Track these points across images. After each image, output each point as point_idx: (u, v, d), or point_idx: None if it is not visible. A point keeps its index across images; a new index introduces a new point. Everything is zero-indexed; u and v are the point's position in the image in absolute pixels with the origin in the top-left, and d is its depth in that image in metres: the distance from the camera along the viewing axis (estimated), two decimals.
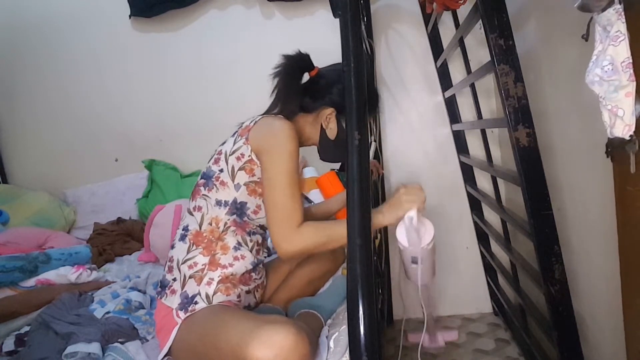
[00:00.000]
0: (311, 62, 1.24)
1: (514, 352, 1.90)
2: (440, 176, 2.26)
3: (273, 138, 1.08)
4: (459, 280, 2.30)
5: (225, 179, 1.12)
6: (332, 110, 1.18)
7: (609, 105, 0.75)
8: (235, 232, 1.13)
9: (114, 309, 1.26)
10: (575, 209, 1.38)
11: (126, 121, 2.42)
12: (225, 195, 1.12)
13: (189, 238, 1.12)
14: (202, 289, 1.07)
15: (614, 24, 0.73)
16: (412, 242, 1.02)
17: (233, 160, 1.11)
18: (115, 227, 2.13)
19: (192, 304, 1.05)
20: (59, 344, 1.13)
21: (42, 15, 2.40)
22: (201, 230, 1.12)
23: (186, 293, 1.07)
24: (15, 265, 1.49)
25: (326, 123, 1.20)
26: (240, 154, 1.11)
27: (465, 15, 1.40)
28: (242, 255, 1.13)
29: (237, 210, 1.12)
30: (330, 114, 1.19)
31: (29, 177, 2.50)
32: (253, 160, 1.10)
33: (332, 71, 1.23)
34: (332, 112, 1.18)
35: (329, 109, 1.18)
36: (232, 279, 1.11)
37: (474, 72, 1.51)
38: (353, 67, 0.95)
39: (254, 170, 1.10)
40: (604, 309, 1.27)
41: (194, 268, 1.09)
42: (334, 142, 1.21)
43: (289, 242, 1.01)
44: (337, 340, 1.04)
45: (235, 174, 1.11)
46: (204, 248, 1.10)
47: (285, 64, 1.19)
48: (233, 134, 1.17)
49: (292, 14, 2.23)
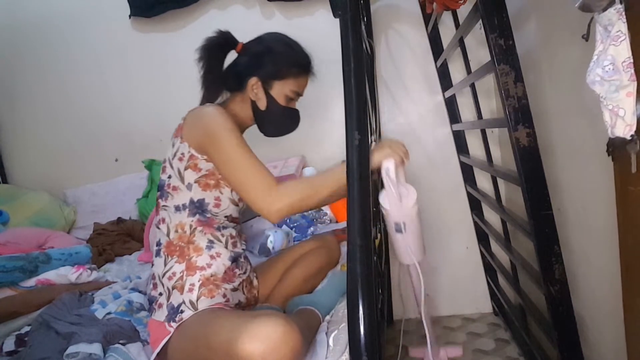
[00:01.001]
0: (233, 39, 1.22)
1: (514, 352, 1.90)
2: (440, 176, 2.26)
3: (206, 126, 1.08)
4: (459, 280, 2.30)
5: (176, 183, 1.12)
6: (256, 79, 1.17)
7: (610, 105, 0.75)
8: (203, 231, 1.12)
9: (116, 310, 1.26)
10: (575, 209, 1.38)
11: (126, 121, 2.42)
12: (181, 199, 1.12)
13: (162, 251, 1.13)
14: (186, 297, 1.07)
15: (614, 24, 0.73)
16: (393, 202, 0.99)
17: (176, 162, 1.12)
18: (115, 227, 2.13)
19: (179, 313, 1.05)
20: (60, 344, 1.12)
21: (42, 15, 2.40)
22: (171, 239, 1.12)
23: (172, 304, 1.07)
24: (15, 265, 1.49)
25: (254, 94, 1.19)
26: (180, 155, 1.11)
27: (465, 15, 1.39)
28: (217, 252, 1.13)
29: (197, 209, 1.12)
30: (254, 84, 1.18)
31: (29, 177, 2.50)
32: (194, 155, 1.10)
33: (254, 42, 1.22)
34: (255, 81, 1.17)
35: (252, 79, 1.17)
36: (214, 279, 1.10)
37: (474, 72, 1.51)
38: (353, 67, 0.95)
39: (199, 165, 1.10)
40: (604, 309, 1.27)
41: (173, 278, 1.09)
42: (266, 112, 1.20)
43: (273, 202, 1.00)
44: (336, 339, 1.04)
45: (182, 175, 1.11)
46: (178, 256, 1.11)
47: (204, 46, 1.18)
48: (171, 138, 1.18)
49: (292, 14, 2.23)
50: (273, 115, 1.21)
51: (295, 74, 1.20)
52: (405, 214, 1.02)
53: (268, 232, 1.75)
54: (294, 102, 1.25)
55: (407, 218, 1.01)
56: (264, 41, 1.23)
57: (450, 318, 2.28)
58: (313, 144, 2.27)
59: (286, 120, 1.25)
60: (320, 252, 1.36)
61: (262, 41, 1.23)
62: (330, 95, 2.08)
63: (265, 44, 1.22)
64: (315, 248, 1.38)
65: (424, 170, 2.26)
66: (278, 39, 1.24)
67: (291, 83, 1.20)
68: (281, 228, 1.86)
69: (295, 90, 1.22)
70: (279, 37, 1.24)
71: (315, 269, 1.34)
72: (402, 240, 1.05)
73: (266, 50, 1.20)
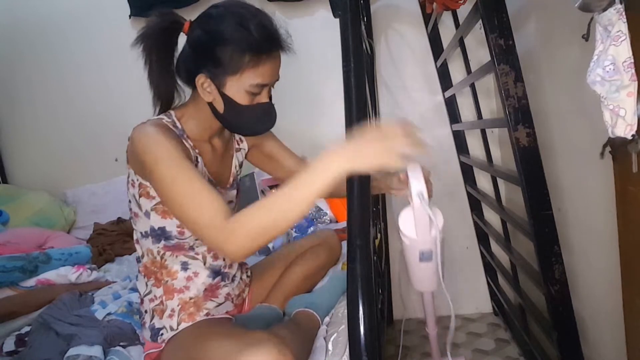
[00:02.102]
0: (178, 19, 0.98)
1: (514, 352, 1.90)
2: (440, 176, 2.26)
3: (141, 154, 0.89)
4: (459, 280, 2.30)
5: (135, 210, 1.01)
6: (204, 77, 0.94)
7: (611, 105, 0.75)
8: (173, 254, 1.03)
9: (116, 311, 1.26)
10: (575, 209, 1.38)
11: (126, 121, 2.38)
12: (142, 226, 1.01)
13: (141, 270, 1.07)
14: (166, 322, 1.03)
15: (615, 24, 0.73)
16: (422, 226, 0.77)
17: (130, 189, 1.00)
18: (115, 227, 2.13)
19: (160, 336, 1.03)
20: (61, 345, 1.12)
21: (43, 15, 2.40)
22: (144, 262, 1.05)
23: (153, 325, 1.04)
24: (15, 265, 1.49)
25: (206, 94, 0.96)
26: (131, 181, 0.99)
27: (465, 15, 1.39)
28: (195, 272, 1.05)
29: (160, 237, 1.00)
30: (203, 82, 0.95)
31: (29, 177, 2.50)
32: (143, 183, 0.96)
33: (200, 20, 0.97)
34: (204, 79, 0.94)
35: (199, 77, 0.94)
36: (195, 301, 1.04)
37: (474, 72, 1.51)
38: (353, 67, 0.95)
39: (150, 193, 0.96)
40: (604, 309, 1.27)
41: (154, 301, 1.05)
42: (226, 115, 0.97)
43: (230, 240, 0.78)
44: (335, 342, 1.04)
45: (139, 202, 0.99)
46: (155, 279, 1.05)
47: (143, 34, 0.95)
48: None
49: (292, 14, 2.23)
50: (236, 118, 0.98)
51: (253, 63, 0.92)
52: (434, 240, 0.83)
53: None
54: (263, 94, 0.98)
55: (435, 244, 0.83)
56: (209, 20, 0.95)
57: (451, 318, 2.27)
58: (312, 144, 2.27)
59: (255, 121, 1.00)
60: (321, 250, 1.32)
61: (207, 20, 0.96)
62: (330, 95, 2.08)
63: (209, 25, 0.94)
64: (316, 245, 1.33)
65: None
66: (227, 12, 0.94)
67: (249, 75, 0.93)
68: None
69: (258, 82, 0.94)
70: (230, 9, 0.94)
71: (316, 267, 1.30)
72: (425, 269, 0.87)
73: (209, 36, 0.93)
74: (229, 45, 0.91)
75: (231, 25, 0.92)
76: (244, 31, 0.91)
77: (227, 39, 0.91)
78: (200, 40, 0.95)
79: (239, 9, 0.94)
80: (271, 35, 0.94)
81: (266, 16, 0.95)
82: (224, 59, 0.92)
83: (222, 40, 0.92)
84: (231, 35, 0.91)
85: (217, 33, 0.92)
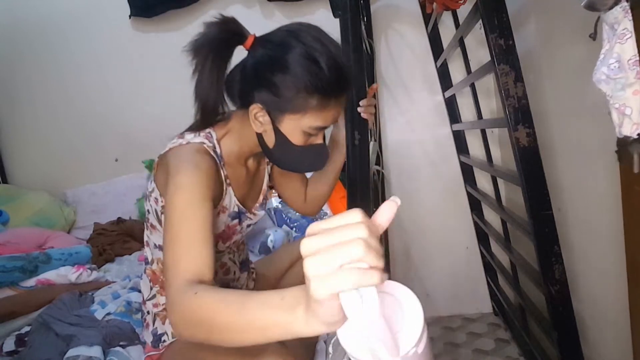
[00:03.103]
0: (242, 30, 0.87)
1: (514, 352, 1.90)
2: (440, 176, 2.26)
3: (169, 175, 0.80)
4: (459, 280, 2.30)
5: (154, 223, 0.94)
6: (259, 107, 0.85)
7: (617, 104, 0.75)
8: None
9: (115, 311, 1.26)
10: (575, 209, 1.38)
11: (126, 121, 2.42)
12: (158, 239, 0.95)
13: (148, 273, 1.03)
14: (168, 329, 1.01)
15: (620, 22, 0.72)
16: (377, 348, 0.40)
17: (152, 202, 0.92)
18: (115, 227, 2.13)
19: (162, 342, 1.01)
20: (60, 345, 1.12)
21: (43, 15, 2.40)
22: (153, 269, 1.01)
23: (156, 330, 1.02)
24: (15, 265, 1.49)
25: (257, 125, 0.88)
26: (155, 198, 0.92)
27: (465, 15, 1.39)
28: None
29: None
30: (257, 113, 0.86)
31: (29, 177, 2.50)
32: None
33: (266, 41, 0.86)
34: (259, 109, 0.86)
35: (254, 106, 0.86)
36: None
37: (474, 72, 1.51)
38: (353, 67, 0.95)
39: None
40: (604, 309, 1.27)
41: (158, 307, 1.02)
42: (275, 150, 0.89)
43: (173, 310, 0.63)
44: (336, 345, 1.03)
45: (159, 218, 0.92)
46: (160, 287, 1.01)
47: (201, 42, 0.83)
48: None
49: (292, 14, 2.23)
50: (285, 156, 0.90)
51: (319, 106, 0.84)
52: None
53: (268, 231, 1.75)
54: (319, 136, 0.90)
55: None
56: (277, 45, 0.84)
57: (450, 318, 2.28)
58: None
59: (304, 162, 0.92)
60: None
61: (276, 44, 0.85)
62: None
63: (277, 50, 0.83)
64: None
65: (424, 170, 2.26)
66: (299, 43, 0.82)
67: (311, 118, 0.85)
68: (281, 227, 1.86)
69: (319, 125, 0.86)
70: (303, 38, 0.83)
71: None
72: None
73: (274, 63, 0.83)
74: (296, 81, 0.82)
75: (302, 60, 0.81)
76: (316, 69, 0.81)
77: (295, 73, 0.81)
78: (264, 63, 0.84)
79: (313, 42, 0.82)
80: (343, 76, 0.85)
81: (339, 53, 0.85)
82: (286, 94, 0.83)
83: (289, 73, 0.81)
84: (301, 72, 0.81)
85: (284, 62, 0.82)
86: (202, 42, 0.83)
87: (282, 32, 0.86)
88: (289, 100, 0.83)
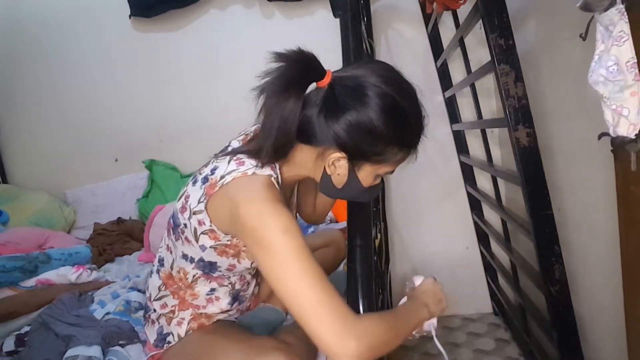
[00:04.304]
0: (320, 65, 0.81)
1: (514, 352, 1.90)
2: (440, 176, 2.26)
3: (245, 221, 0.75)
4: (459, 280, 2.30)
5: (190, 237, 0.90)
6: (342, 155, 0.81)
7: (614, 105, 0.75)
8: (207, 280, 0.97)
9: (114, 310, 1.26)
10: (575, 208, 1.38)
11: (126, 121, 2.42)
12: (190, 252, 0.92)
13: (161, 275, 1.02)
14: (174, 329, 1.00)
15: (616, 24, 0.73)
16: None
17: (195, 221, 0.87)
18: (115, 227, 2.13)
19: (166, 343, 1.02)
20: (60, 345, 1.12)
21: (42, 15, 2.40)
22: (171, 273, 0.99)
23: (161, 329, 1.02)
24: (15, 265, 1.49)
25: (332, 169, 0.84)
26: (200, 220, 0.86)
27: (465, 15, 1.39)
28: (217, 297, 1.00)
29: (205, 268, 0.94)
30: (337, 160, 0.82)
31: (29, 177, 2.50)
32: (216, 232, 0.86)
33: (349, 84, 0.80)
34: (340, 157, 0.81)
35: (336, 154, 0.81)
36: (206, 315, 1.01)
37: (474, 72, 1.51)
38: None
39: (219, 237, 0.87)
40: (604, 309, 1.27)
41: (165, 308, 1.02)
42: (339, 189, 0.88)
43: (349, 341, 0.67)
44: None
45: (198, 236, 0.88)
46: (172, 292, 1.00)
47: (279, 71, 0.76)
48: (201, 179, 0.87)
49: (292, 14, 2.23)
50: (346, 193, 0.89)
51: (401, 158, 0.85)
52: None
53: None
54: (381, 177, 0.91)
55: None
56: (366, 95, 0.78)
57: (450, 318, 2.28)
58: None
59: (359, 197, 0.92)
60: (329, 252, 1.30)
61: (363, 94, 0.78)
62: None
63: (368, 103, 0.78)
64: (323, 247, 1.32)
65: (424, 170, 2.26)
66: (388, 96, 0.79)
67: (389, 166, 0.85)
68: None
69: (391, 170, 0.88)
70: (392, 90, 0.80)
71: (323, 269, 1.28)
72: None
73: (366, 118, 0.78)
74: (386, 137, 0.80)
75: (391, 111, 0.79)
76: (407, 125, 0.82)
77: (384, 127, 0.79)
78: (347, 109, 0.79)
79: (400, 96, 0.80)
80: (423, 127, 0.87)
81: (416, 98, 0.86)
82: (374, 146, 0.81)
83: (377, 124, 0.78)
84: (390, 125, 0.79)
85: (371, 112, 0.78)
86: (283, 76, 0.77)
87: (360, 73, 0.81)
88: (377, 152, 0.82)
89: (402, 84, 0.84)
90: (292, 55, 0.77)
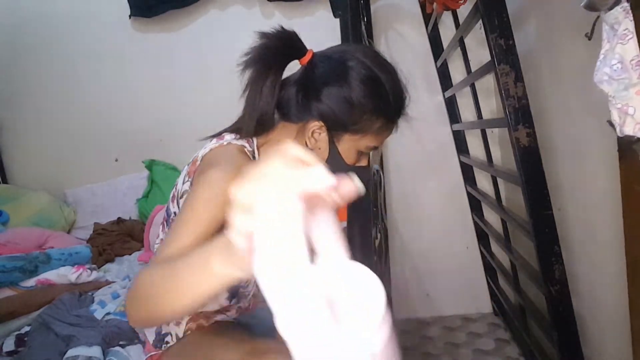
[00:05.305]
0: (300, 44, 0.86)
1: (514, 352, 1.90)
2: (440, 176, 2.26)
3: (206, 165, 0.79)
4: (459, 280, 2.30)
5: None
6: (320, 124, 0.84)
7: (619, 104, 0.75)
8: None
9: (115, 310, 1.26)
10: (575, 208, 1.38)
11: (126, 121, 2.42)
12: None
13: None
14: (172, 329, 1.00)
15: (621, 23, 0.73)
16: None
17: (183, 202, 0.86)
18: (115, 227, 2.13)
19: (164, 343, 1.00)
20: (60, 345, 1.12)
21: (42, 15, 2.40)
22: None
23: (160, 329, 1.01)
24: (15, 265, 1.48)
25: (312, 141, 0.86)
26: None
27: (465, 15, 1.39)
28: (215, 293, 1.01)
29: None
30: (317, 130, 0.85)
31: (29, 177, 2.50)
32: None
33: (330, 60, 0.86)
34: (319, 126, 0.85)
35: (314, 123, 0.84)
36: (205, 314, 1.01)
37: (474, 72, 1.51)
38: None
39: None
40: (605, 309, 1.27)
41: None
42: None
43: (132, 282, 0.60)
44: None
45: None
46: None
47: (260, 47, 0.81)
48: (187, 163, 0.90)
49: (292, 14, 2.23)
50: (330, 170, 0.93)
51: (380, 129, 0.87)
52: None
53: None
54: (366, 157, 0.92)
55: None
56: (340, 63, 0.84)
57: (450, 318, 2.28)
58: None
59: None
60: None
61: (338, 62, 0.84)
62: None
63: (341, 70, 0.83)
64: None
65: (424, 170, 2.26)
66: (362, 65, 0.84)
67: (370, 138, 0.87)
68: None
69: (374, 145, 0.89)
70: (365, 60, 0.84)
71: None
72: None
73: (341, 84, 0.83)
74: (363, 104, 0.83)
75: (368, 82, 0.83)
76: (384, 93, 0.85)
77: (361, 95, 0.83)
78: (327, 82, 0.83)
79: (375, 64, 0.85)
80: (403, 102, 0.90)
81: (398, 75, 0.90)
82: (351, 114, 0.83)
83: (355, 94, 0.82)
84: (367, 94, 0.83)
85: (350, 83, 0.83)
86: (264, 52, 0.81)
87: (340, 50, 0.88)
88: (354, 121, 0.84)
89: (381, 60, 0.87)
90: (274, 32, 0.82)
